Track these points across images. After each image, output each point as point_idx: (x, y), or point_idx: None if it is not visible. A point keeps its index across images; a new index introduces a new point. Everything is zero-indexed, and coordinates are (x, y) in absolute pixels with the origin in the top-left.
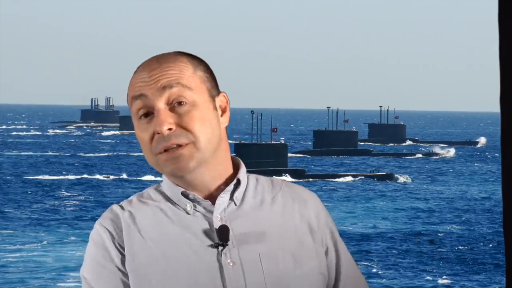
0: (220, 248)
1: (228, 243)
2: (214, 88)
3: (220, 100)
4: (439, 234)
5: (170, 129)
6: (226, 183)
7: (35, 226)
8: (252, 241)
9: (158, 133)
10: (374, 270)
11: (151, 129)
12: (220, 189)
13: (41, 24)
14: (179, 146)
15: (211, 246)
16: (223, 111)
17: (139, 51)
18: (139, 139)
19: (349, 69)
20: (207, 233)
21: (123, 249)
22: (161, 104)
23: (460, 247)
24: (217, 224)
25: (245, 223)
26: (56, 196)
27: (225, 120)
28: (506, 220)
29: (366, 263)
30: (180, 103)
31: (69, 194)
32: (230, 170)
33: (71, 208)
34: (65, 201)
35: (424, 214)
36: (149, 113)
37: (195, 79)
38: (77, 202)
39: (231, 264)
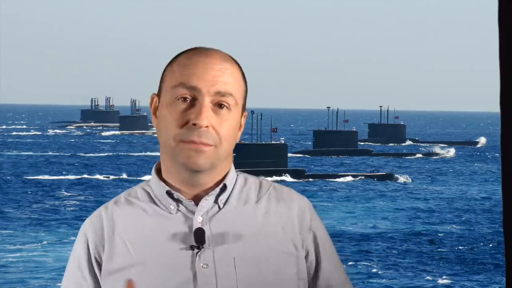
0: (196, 250)
1: (205, 245)
2: (244, 105)
3: (243, 117)
4: (439, 234)
5: (207, 126)
6: (213, 187)
7: (35, 226)
8: (229, 244)
9: (194, 124)
10: (374, 270)
11: (185, 117)
12: (206, 192)
13: (41, 24)
14: (203, 144)
15: (187, 248)
16: (240, 128)
17: (139, 51)
18: (165, 119)
19: (349, 69)
20: (185, 235)
21: (101, 253)
22: (208, 101)
23: (460, 247)
24: (195, 227)
25: (224, 226)
26: (56, 196)
27: (238, 136)
28: (506, 220)
29: (366, 263)
30: (221, 106)
31: (69, 194)
32: (222, 176)
33: (71, 208)
34: (65, 201)
35: (424, 214)
36: (186, 98)
37: (241, 91)
38: (77, 202)
39: (204, 267)
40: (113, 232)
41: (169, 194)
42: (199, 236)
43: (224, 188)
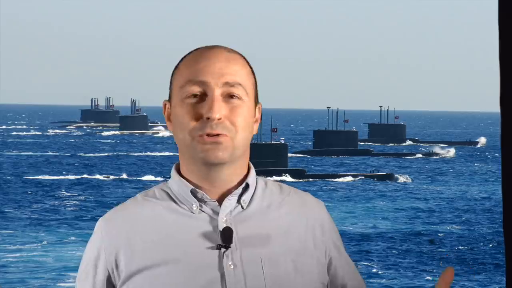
0: (223, 250)
1: (231, 245)
2: (257, 97)
3: (257, 109)
4: (439, 234)
5: (219, 118)
6: (236, 186)
7: (35, 226)
8: (255, 245)
9: (208, 118)
10: (374, 270)
11: (198, 112)
12: (229, 191)
13: (41, 24)
14: (220, 135)
15: (214, 247)
16: (256, 120)
17: (139, 51)
18: (178, 119)
19: (349, 69)
20: (210, 234)
21: (119, 255)
22: (218, 93)
23: (460, 247)
24: (221, 226)
25: (249, 226)
26: (56, 196)
27: (255, 128)
28: (506, 220)
29: (366, 263)
30: (232, 96)
31: (69, 194)
32: (244, 173)
33: (71, 208)
34: (65, 201)
35: (424, 214)
36: (196, 95)
37: (250, 82)
38: (77, 202)
39: (232, 267)
40: (132, 232)
41: (193, 193)
42: (227, 236)
43: (246, 187)
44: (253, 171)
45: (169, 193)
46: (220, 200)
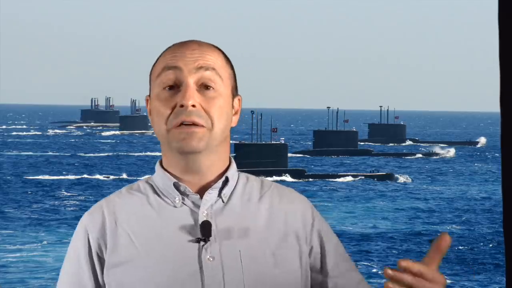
0: (202, 243)
1: (210, 238)
2: (235, 88)
3: (236, 102)
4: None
5: (194, 106)
6: (216, 179)
7: (35, 226)
8: (234, 238)
9: (181, 106)
10: (374, 270)
11: (173, 102)
12: (209, 184)
13: (41, 24)
14: (195, 125)
15: (193, 241)
16: (235, 112)
17: (139, 51)
18: (155, 110)
19: (349, 69)
20: (191, 228)
21: (102, 246)
22: (191, 81)
23: (460, 247)
24: (201, 220)
25: (229, 220)
26: (56, 196)
27: (235, 121)
28: (506, 220)
29: (366, 263)
30: (207, 87)
31: (69, 194)
32: (225, 167)
33: (71, 208)
34: (65, 201)
35: (424, 214)
36: (173, 87)
37: (226, 72)
38: (77, 202)
39: (211, 260)
40: (116, 224)
41: (176, 186)
42: (206, 229)
43: (226, 181)
44: (233, 165)
45: (153, 186)
46: (202, 193)
